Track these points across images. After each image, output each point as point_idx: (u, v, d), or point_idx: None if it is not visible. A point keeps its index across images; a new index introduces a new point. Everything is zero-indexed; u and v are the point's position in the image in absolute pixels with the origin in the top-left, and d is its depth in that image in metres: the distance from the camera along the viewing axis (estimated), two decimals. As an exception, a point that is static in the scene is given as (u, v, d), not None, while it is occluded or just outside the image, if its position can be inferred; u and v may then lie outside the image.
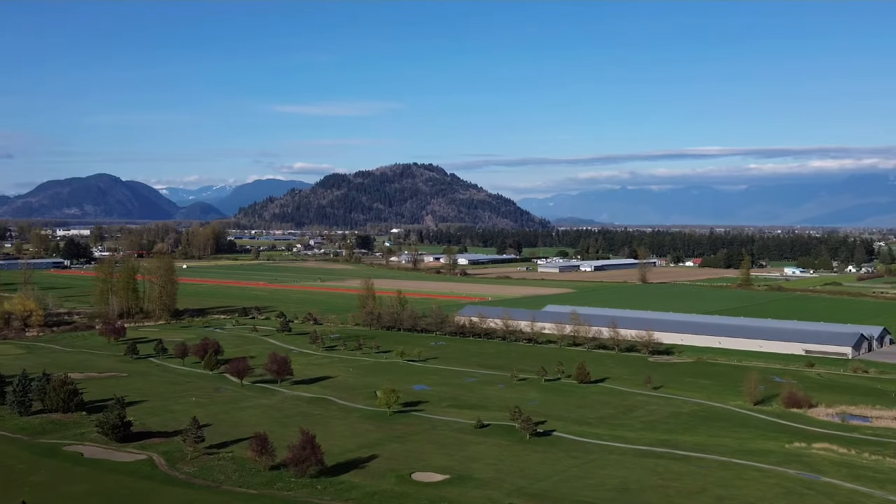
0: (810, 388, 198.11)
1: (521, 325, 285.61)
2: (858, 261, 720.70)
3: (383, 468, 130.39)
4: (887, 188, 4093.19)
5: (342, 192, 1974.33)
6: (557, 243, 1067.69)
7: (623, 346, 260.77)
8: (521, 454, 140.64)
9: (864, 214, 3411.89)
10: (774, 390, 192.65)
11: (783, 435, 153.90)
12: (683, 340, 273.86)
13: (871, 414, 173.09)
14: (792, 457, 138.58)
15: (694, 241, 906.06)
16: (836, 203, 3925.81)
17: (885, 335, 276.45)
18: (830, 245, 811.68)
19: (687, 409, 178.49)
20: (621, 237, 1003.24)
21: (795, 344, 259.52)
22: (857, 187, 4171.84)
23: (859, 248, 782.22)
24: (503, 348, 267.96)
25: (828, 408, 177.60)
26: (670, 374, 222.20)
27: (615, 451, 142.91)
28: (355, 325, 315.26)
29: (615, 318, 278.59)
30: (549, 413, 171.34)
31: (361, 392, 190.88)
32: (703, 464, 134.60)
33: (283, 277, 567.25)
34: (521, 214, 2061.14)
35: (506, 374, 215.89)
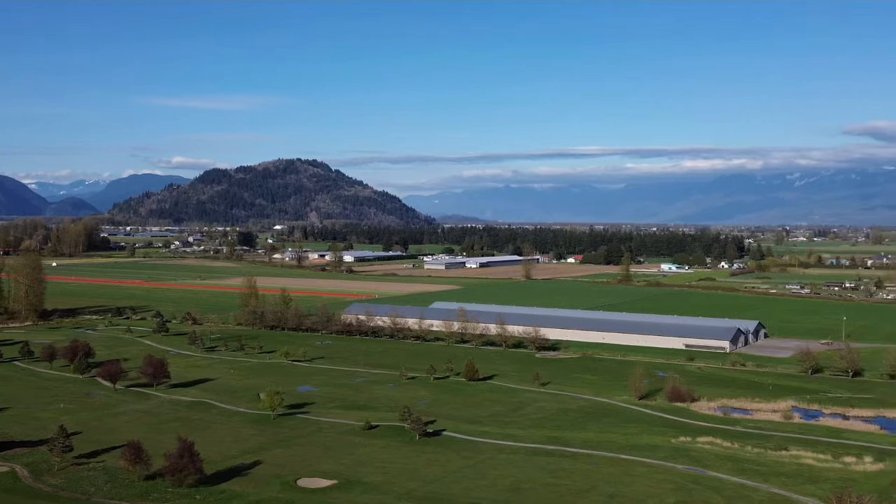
0: (692, 382, 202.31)
1: (409, 322, 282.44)
2: (730, 257, 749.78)
3: (267, 475, 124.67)
4: (755, 187, 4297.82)
5: (223, 188, 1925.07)
6: (443, 240, 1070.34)
7: (511, 343, 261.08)
8: (411, 456, 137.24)
9: (734, 212, 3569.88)
10: (658, 385, 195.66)
11: (669, 429, 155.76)
12: (569, 336, 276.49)
13: (751, 407, 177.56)
14: (679, 451, 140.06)
15: (575, 238, 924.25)
16: (708, 201, 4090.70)
17: (759, 329, 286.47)
18: (704, 242, 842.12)
19: (575, 405, 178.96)
20: (505, 234, 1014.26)
21: (676, 339, 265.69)
22: (727, 186, 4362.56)
23: (731, 245, 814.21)
24: (391, 346, 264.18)
25: (710, 401, 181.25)
26: (558, 370, 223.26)
27: (506, 449, 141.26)
28: (237, 324, 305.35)
29: (502, 314, 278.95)
30: (439, 412, 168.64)
31: (244, 395, 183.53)
32: (592, 461, 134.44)
33: (161, 276, 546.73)
34: (407, 212, 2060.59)
35: (394, 373, 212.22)
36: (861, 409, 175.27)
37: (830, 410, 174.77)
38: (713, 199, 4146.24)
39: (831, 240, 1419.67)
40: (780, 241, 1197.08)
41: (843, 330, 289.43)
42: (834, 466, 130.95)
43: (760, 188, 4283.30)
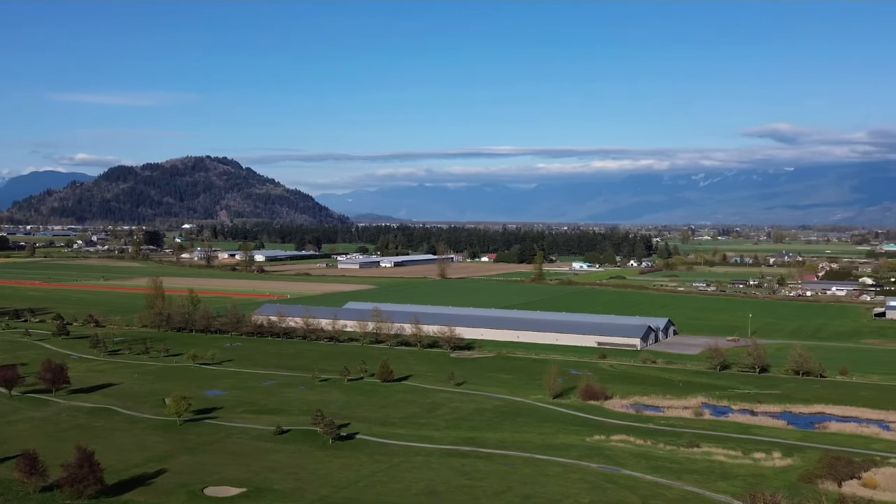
0: (605, 379, 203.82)
1: (322, 323, 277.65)
2: (639, 255, 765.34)
3: (172, 483, 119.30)
4: (662, 187, 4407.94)
5: (129, 186, 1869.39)
6: (357, 239, 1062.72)
7: (426, 343, 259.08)
8: (323, 460, 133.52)
9: (642, 212, 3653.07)
10: (572, 383, 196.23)
11: (583, 428, 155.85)
12: (484, 335, 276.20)
13: (663, 404, 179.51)
14: (593, 450, 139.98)
15: (489, 238, 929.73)
16: (617, 201, 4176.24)
17: (669, 326, 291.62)
18: (614, 241, 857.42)
19: (490, 404, 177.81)
20: (420, 233, 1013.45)
21: (589, 336, 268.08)
22: (635, 186, 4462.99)
23: (640, 244, 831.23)
24: (304, 348, 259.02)
25: (623, 399, 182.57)
26: (472, 369, 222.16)
27: (421, 451, 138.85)
28: (142, 326, 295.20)
29: (417, 314, 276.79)
30: (353, 415, 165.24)
31: (149, 400, 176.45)
32: (508, 461, 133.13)
33: (62, 276, 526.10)
34: (321, 210, 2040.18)
35: (307, 375, 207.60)
36: (768, 404, 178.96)
37: (739, 406, 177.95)
38: (622, 198, 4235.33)
39: (734, 238, 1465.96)
40: (686, 240, 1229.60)
41: (749, 327, 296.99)
42: (744, 462, 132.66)
43: (667, 188, 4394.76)
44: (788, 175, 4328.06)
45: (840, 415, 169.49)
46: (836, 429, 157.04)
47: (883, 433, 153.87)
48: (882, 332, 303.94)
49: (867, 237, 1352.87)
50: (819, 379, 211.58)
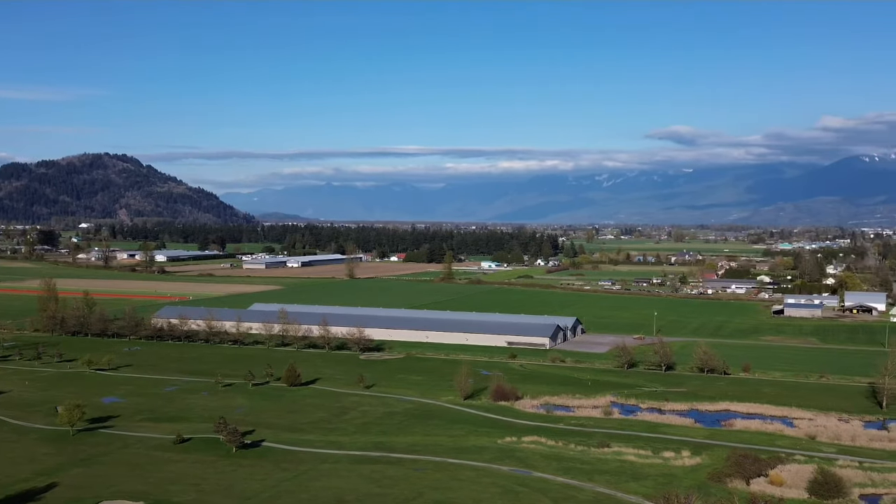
0: (515, 379, 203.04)
1: (226, 325, 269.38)
2: (546, 255, 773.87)
3: (63, 498, 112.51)
4: (567, 187, 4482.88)
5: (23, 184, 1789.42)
6: (263, 239, 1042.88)
7: (334, 345, 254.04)
8: (226, 470, 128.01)
9: (547, 211, 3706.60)
10: (483, 383, 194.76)
11: (495, 430, 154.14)
12: (394, 336, 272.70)
13: (573, 403, 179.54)
14: (505, 452, 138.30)
15: (398, 237, 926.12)
16: (523, 201, 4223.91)
17: (577, 325, 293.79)
18: (521, 240, 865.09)
19: (400, 407, 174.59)
20: (328, 232, 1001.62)
21: (499, 336, 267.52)
22: (541, 186, 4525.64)
23: (546, 243, 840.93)
24: (207, 352, 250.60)
25: (533, 399, 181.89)
26: (382, 371, 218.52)
27: (329, 458, 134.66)
28: (34, 330, 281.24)
29: (325, 315, 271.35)
30: (258, 421, 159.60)
31: (40, 409, 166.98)
32: (418, 466, 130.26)
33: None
34: (225, 209, 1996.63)
35: (210, 380, 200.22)
36: (675, 402, 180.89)
37: (647, 405, 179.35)
38: (528, 198, 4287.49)
39: (637, 238, 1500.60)
40: (591, 239, 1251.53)
41: (655, 325, 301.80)
42: (654, 462, 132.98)
43: (572, 188, 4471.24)
44: (687, 176, 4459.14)
45: (745, 412, 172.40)
46: (742, 426, 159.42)
47: (787, 430, 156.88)
48: (780, 329, 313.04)
49: (763, 236, 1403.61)
50: (723, 376, 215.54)
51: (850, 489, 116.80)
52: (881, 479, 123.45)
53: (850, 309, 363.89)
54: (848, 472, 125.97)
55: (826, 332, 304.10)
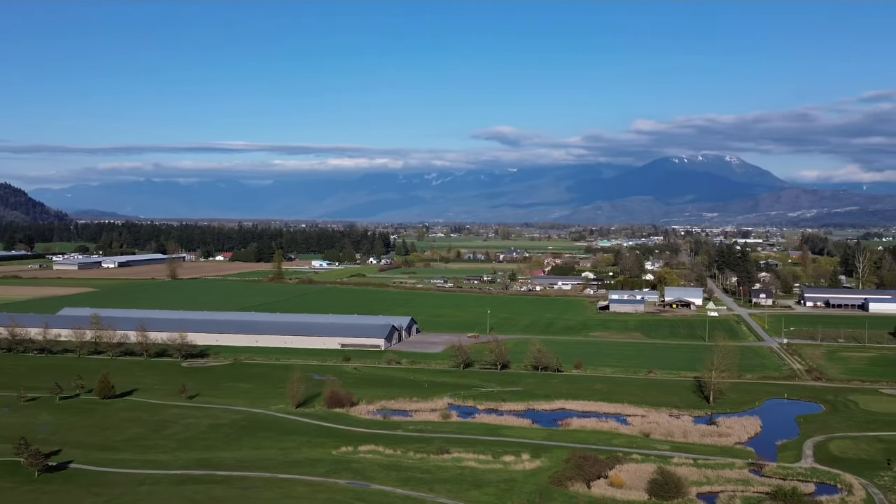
0: (350, 384, 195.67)
1: (31, 332, 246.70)
2: (378, 253, 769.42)
3: None
4: (397, 185, 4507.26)
5: None
6: (77, 238, 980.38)
7: (153, 352, 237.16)
8: (26, 499, 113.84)
9: (378, 209, 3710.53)
10: (316, 389, 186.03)
11: (329, 440, 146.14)
12: (220, 341, 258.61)
13: (410, 407, 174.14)
14: (340, 464, 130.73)
15: (224, 235, 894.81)
16: (354, 199, 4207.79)
17: (412, 325, 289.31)
18: (353, 238, 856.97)
19: (227, 418, 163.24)
20: (148, 231, 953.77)
21: (332, 338, 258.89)
22: (371, 184, 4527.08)
23: (378, 242, 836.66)
24: (8, 362, 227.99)
25: (369, 404, 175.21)
26: (207, 379, 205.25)
27: (147, 480, 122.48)
28: None
29: (144, 319, 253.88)
30: (66, 440, 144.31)
31: None
32: (247, 484, 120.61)
33: None
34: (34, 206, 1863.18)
35: (11, 393, 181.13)
36: (512, 402, 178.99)
37: (485, 406, 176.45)
38: (358, 196, 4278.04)
39: (465, 236, 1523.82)
40: (422, 237, 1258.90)
41: (488, 323, 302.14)
42: (495, 467, 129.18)
43: (402, 186, 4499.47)
44: (512, 176, 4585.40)
45: (580, 410, 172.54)
46: (578, 425, 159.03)
47: (621, 427, 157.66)
48: (606, 324, 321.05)
49: (584, 234, 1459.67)
50: (557, 374, 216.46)
51: (688, 488, 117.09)
52: (716, 476, 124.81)
53: (670, 304, 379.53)
54: (684, 470, 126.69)
55: (649, 326, 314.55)
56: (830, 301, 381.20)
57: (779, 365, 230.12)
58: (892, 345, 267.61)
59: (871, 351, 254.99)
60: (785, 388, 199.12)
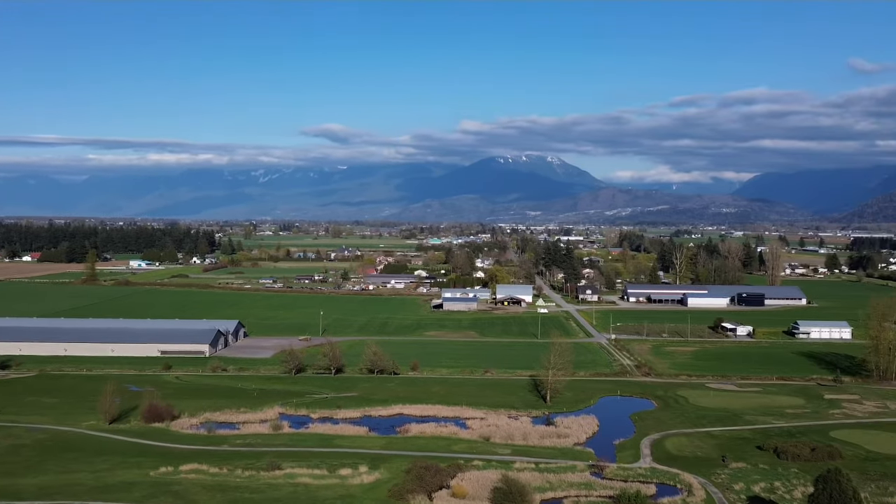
0: (171, 395, 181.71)
1: None
2: (202, 252, 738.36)
3: None
4: (223, 182, 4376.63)
5: None
6: None
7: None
8: None
9: (203, 207, 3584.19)
10: (133, 402, 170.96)
11: (147, 459, 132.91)
12: (23, 350, 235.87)
13: (238, 419, 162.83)
14: (160, 487, 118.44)
15: (32, 234, 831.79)
16: (176, 196, 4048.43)
17: (239, 328, 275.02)
18: (175, 237, 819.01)
19: (30, 439, 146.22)
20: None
21: (151, 345, 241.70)
22: (195, 181, 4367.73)
23: (202, 240, 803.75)
24: None
25: (192, 417, 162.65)
26: (7, 394, 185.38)
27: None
28: None
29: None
30: None
31: None
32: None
33: None
34: None
35: None
36: (348, 409, 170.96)
37: (319, 414, 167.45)
38: (181, 193, 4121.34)
39: (295, 234, 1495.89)
40: (249, 236, 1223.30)
41: (321, 324, 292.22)
42: (331, 483, 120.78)
43: (228, 183, 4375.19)
44: (342, 173, 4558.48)
45: (418, 415, 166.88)
46: (417, 431, 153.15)
47: (461, 432, 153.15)
48: (442, 323, 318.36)
49: (414, 232, 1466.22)
50: (393, 376, 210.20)
51: (532, 495, 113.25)
52: (558, 480, 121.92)
53: (501, 301, 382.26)
54: (527, 475, 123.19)
55: (483, 325, 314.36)
56: (652, 296, 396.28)
57: (609, 361, 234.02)
58: (712, 339, 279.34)
59: (694, 345, 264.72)
60: (617, 384, 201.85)
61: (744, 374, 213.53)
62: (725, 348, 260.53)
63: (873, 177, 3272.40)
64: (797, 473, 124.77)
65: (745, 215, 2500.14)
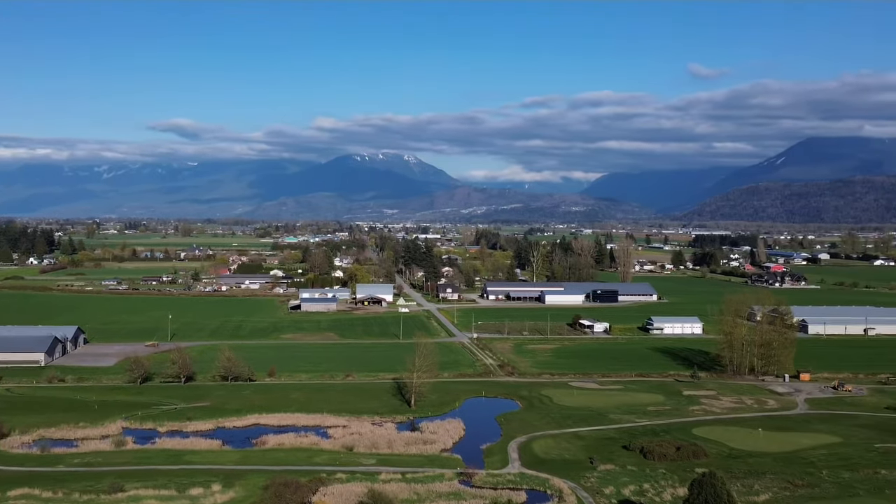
0: (1, 410, 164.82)
1: None
2: (40, 252, 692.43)
3: None
4: (63, 179, 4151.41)
5: None
6: None
7: None
8: None
9: (41, 204, 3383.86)
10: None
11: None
12: None
13: (76, 435, 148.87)
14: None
15: None
16: (11, 192, 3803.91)
17: (79, 335, 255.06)
18: (10, 236, 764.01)
19: None
20: None
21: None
22: (32, 177, 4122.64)
23: (40, 239, 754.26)
24: None
25: (24, 435, 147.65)
26: None
27: None
28: None
29: None
30: None
31: None
32: None
33: None
34: None
35: None
36: (199, 421, 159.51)
37: (167, 427, 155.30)
38: (16, 190, 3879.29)
39: (142, 232, 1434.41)
40: (92, 234, 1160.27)
41: (169, 329, 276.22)
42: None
43: (68, 180, 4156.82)
44: (192, 170, 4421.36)
45: (276, 425, 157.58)
46: (275, 443, 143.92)
47: (322, 442, 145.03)
48: (299, 325, 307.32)
49: (269, 230, 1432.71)
50: (249, 383, 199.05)
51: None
52: (426, 491, 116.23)
53: (361, 301, 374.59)
54: (393, 486, 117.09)
55: (343, 326, 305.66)
56: (511, 294, 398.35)
57: (473, 361, 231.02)
58: (571, 336, 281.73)
59: (554, 342, 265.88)
60: (482, 385, 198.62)
61: (604, 371, 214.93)
62: (585, 345, 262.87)
63: (711, 177, 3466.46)
64: (665, 474, 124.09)
65: (593, 214, 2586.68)
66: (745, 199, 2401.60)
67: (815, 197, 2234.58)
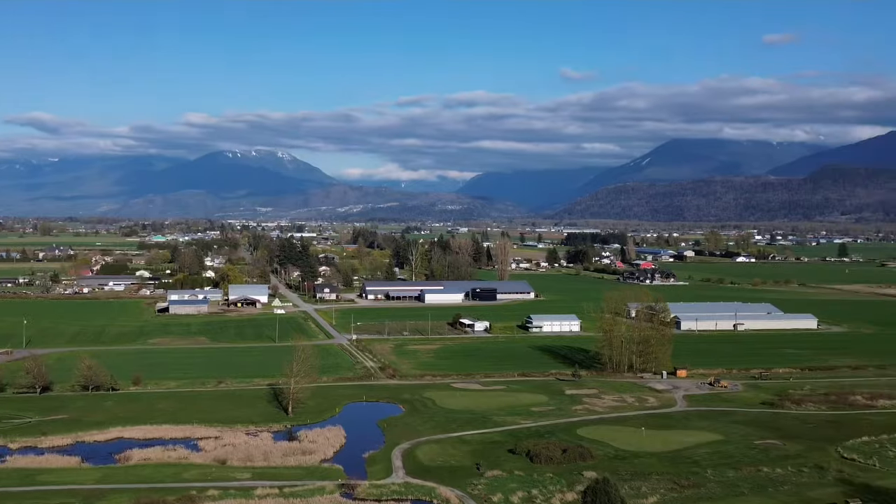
0: None
1: None
2: None
3: None
4: None
5: None
6: None
7: None
8: None
9: None
10: None
11: None
12: None
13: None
14: None
15: None
16: None
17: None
18: None
19: None
20: None
21: None
22: None
23: None
24: None
25: None
26: None
27: None
28: None
29: None
30: None
31: None
32: None
33: None
34: None
35: None
36: (56, 435, 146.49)
37: (19, 444, 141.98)
38: None
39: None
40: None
41: (24, 335, 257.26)
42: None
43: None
44: (53, 166, 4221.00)
45: (142, 438, 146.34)
46: (141, 458, 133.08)
47: (193, 455, 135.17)
48: (167, 328, 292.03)
49: (135, 229, 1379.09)
50: (111, 393, 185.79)
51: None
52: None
53: (234, 302, 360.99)
54: (270, 502, 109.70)
55: (215, 329, 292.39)
56: (390, 293, 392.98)
57: (352, 364, 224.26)
58: (452, 335, 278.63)
59: (436, 342, 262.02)
60: (362, 389, 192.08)
61: (486, 371, 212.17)
62: (466, 345, 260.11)
63: (581, 177, 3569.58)
64: (552, 479, 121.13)
65: (468, 212, 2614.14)
66: (613, 199, 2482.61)
67: (679, 196, 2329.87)
